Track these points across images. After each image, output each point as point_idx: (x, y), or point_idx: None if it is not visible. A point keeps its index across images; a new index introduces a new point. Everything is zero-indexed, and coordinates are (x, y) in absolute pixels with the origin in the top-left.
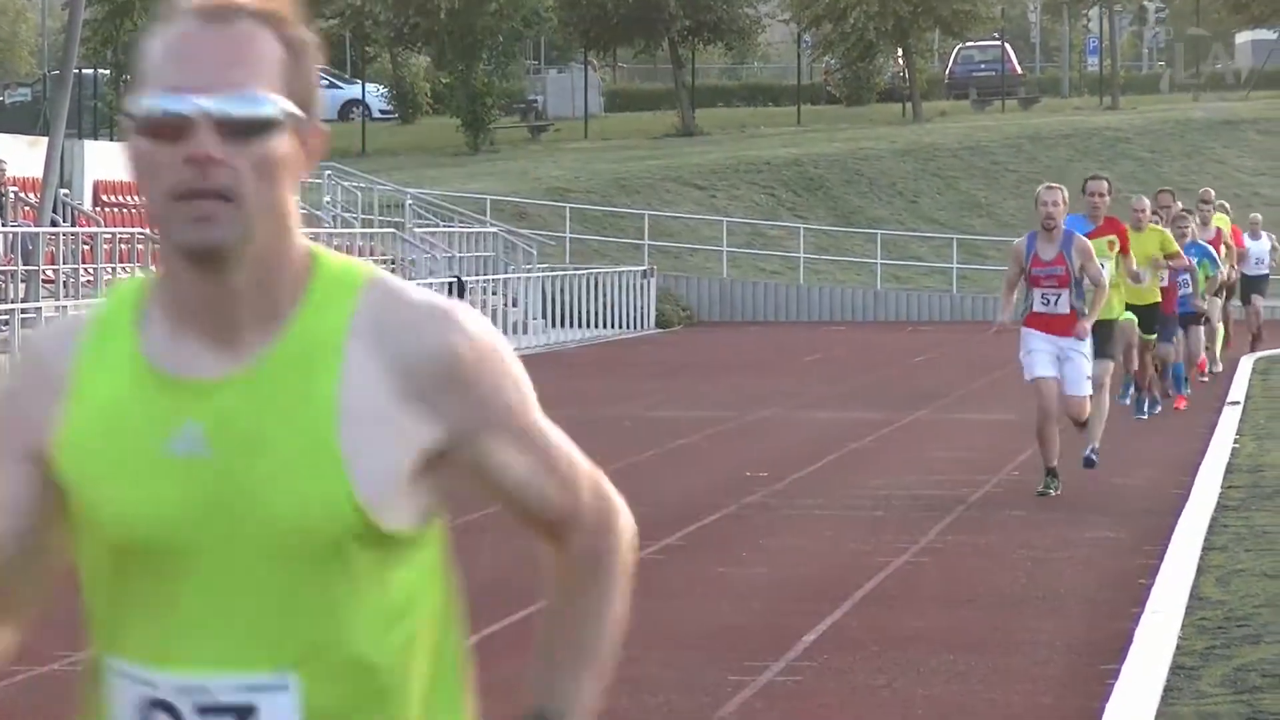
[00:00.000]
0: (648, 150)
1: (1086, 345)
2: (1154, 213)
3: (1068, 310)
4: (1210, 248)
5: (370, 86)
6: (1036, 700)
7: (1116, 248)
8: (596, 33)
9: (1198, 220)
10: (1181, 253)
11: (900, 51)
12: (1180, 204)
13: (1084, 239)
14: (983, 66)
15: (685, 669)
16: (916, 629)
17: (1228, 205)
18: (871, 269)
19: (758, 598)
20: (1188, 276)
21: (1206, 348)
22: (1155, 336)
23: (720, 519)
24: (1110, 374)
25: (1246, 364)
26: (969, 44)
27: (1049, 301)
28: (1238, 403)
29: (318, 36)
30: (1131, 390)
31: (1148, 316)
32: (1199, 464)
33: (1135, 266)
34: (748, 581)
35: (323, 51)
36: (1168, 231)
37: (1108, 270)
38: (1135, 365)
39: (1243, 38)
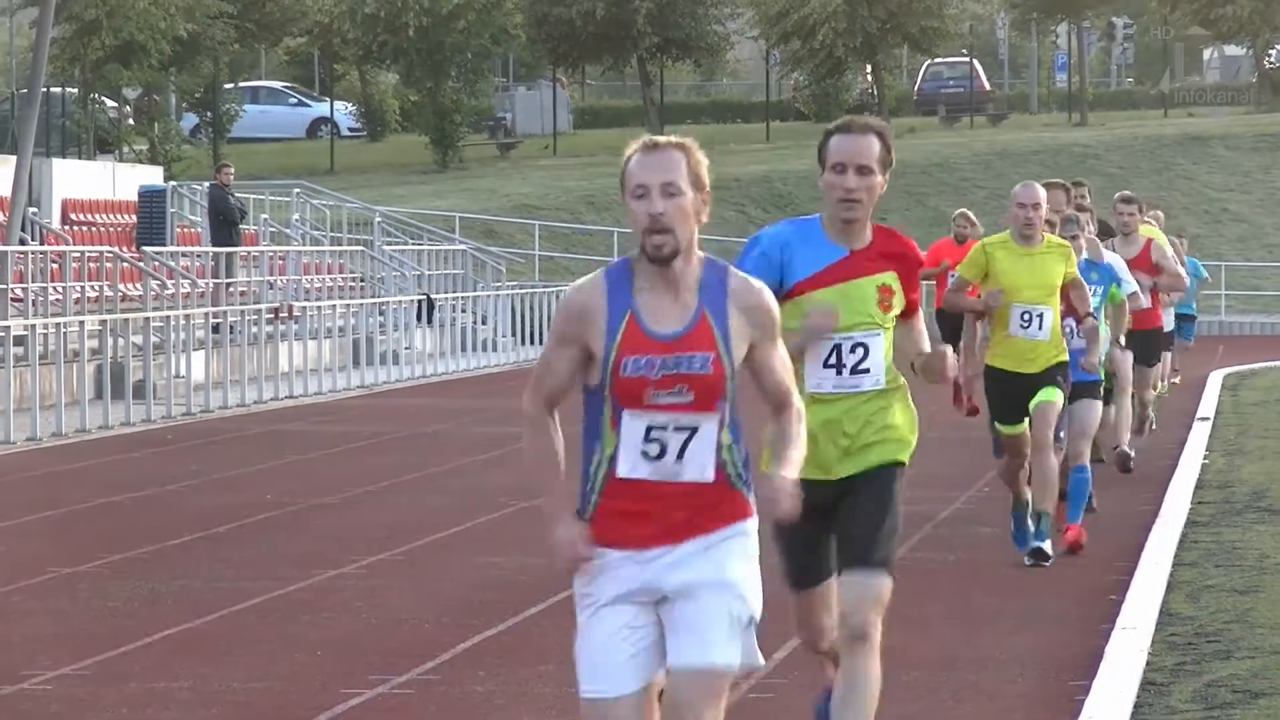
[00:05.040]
0: (616, 167)
1: (747, 561)
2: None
3: (709, 476)
4: (1118, 269)
5: (338, 104)
6: (1007, 717)
7: (895, 305)
8: (565, 50)
9: (1107, 229)
10: (1084, 285)
11: (869, 68)
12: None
13: (758, 286)
14: (951, 83)
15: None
16: (886, 645)
17: (1161, 215)
18: None
19: None
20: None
21: (1116, 447)
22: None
23: None
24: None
25: (1216, 379)
26: (937, 60)
27: (662, 450)
28: (1207, 418)
29: (285, 54)
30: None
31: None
32: (1169, 480)
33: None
34: None
35: (290, 69)
36: (1071, 246)
37: (881, 357)
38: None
39: (1210, 53)
